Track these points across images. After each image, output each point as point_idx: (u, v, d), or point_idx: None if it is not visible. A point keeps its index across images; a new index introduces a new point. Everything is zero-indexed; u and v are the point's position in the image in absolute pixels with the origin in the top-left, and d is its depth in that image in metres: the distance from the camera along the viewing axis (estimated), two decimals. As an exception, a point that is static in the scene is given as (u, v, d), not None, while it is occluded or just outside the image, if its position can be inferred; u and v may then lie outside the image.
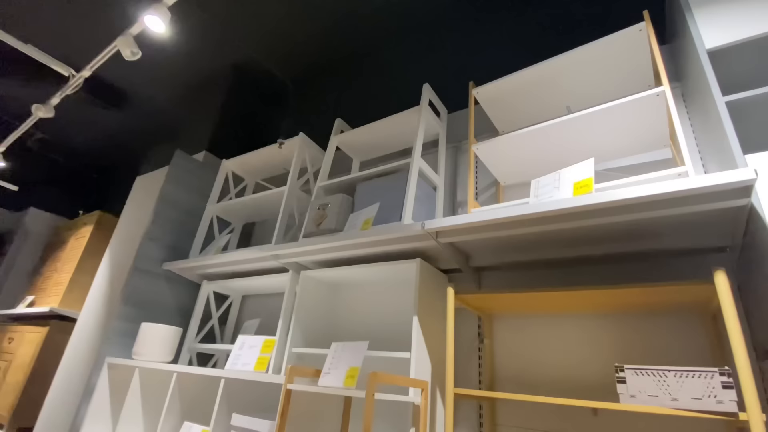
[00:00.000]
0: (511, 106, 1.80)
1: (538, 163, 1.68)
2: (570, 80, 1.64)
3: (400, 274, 1.70)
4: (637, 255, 1.41)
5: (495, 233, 1.36)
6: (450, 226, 1.36)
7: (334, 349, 1.37)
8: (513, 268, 1.66)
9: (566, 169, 1.27)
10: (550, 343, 1.48)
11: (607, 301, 1.33)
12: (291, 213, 2.22)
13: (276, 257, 1.89)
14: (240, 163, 2.65)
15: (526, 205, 1.19)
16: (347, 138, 2.20)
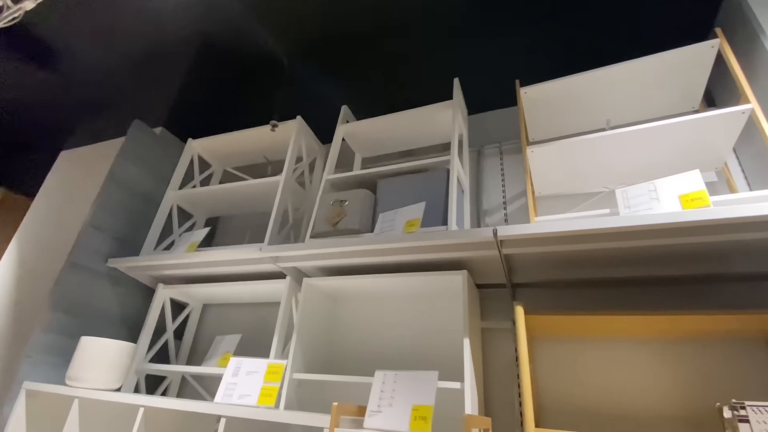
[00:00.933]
0: (549, 112, 1.68)
1: (577, 175, 1.57)
2: (612, 92, 1.57)
3: (437, 287, 1.46)
4: (691, 278, 1.34)
5: (563, 247, 1.20)
6: (526, 234, 1.16)
7: (382, 379, 1.09)
8: (550, 285, 1.51)
9: (662, 181, 1.15)
10: (603, 369, 1.34)
11: (668, 327, 1.23)
12: (285, 209, 1.86)
13: (275, 260, 1.54)
14: (209, 145, 2.22)
15: (625, 216, 1.04)
16: (354, 129, 1.92)
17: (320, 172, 2.17)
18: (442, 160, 1.58)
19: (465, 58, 1.84)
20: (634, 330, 1.29)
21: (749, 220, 0.99)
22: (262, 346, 1.78)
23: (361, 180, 1.74)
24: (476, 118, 2.04)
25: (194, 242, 1.69)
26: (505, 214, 1.75)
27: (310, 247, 1.43)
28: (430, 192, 1.50)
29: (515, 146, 1.90)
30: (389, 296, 1.60)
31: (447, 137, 1.90)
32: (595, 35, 1.72)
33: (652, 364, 1.30)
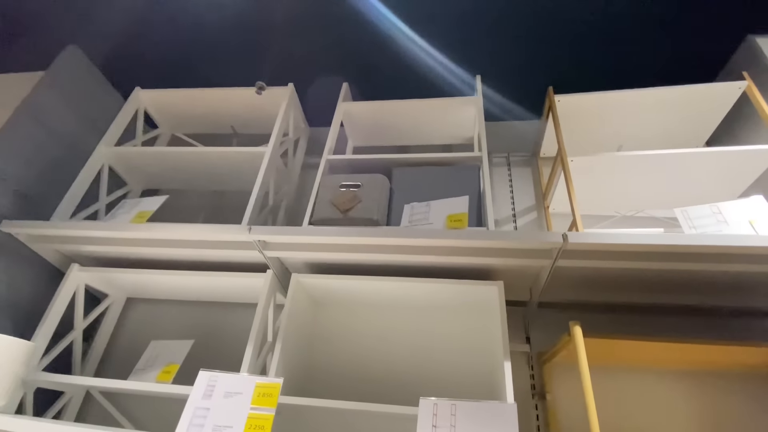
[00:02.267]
0: (569, 127, 1.61)
1: (592, 196, 1.52)
2: (627, 117, 1.56)
3: (461, 298, 1.25)
4: (711, 310, 1.32)
5: (620, 263, 1.09)
6: (602, 244, 1.03)
7: (433, 410, 0.83)
8: (569, 308, 1.40)
9: (725, 204, 1.10)
10: (624, 400, 1.24)
11: (693, 358, 1.18)
12: (267, 188, 1.51)
13: (263, 246, 1.20)
14: (162, 100, 1.78)
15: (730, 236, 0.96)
16: (355, 110, 1.68)
17: (301, 154, 1.86)
18: (470, 156, 1.41)
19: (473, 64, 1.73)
20: (660, 360, 1.22)
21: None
22: (219, 358, 1.38)
23: (366, 166, 1.48)
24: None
25: (145, 212, 1.26)
26: (514, 227, 1.63)
27: (321, 234, 1.13)
28: (457, 188, 1.32)
29: (523, 159, 1.81)
30: (393, 305, 1.34)
31: (456, 137, 1.75)
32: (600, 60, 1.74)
33: (673, 397, 1.23)
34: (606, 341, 1.05)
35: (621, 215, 1.57)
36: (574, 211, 1.27)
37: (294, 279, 1.25)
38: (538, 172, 1.74)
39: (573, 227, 1.28)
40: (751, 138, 1.46)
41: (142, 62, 1.89)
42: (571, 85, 1.52)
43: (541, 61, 1.72)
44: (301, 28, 1.81)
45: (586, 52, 1.70)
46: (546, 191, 1.64)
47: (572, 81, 1.68)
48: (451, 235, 1.06)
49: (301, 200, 1.79)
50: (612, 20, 1.61)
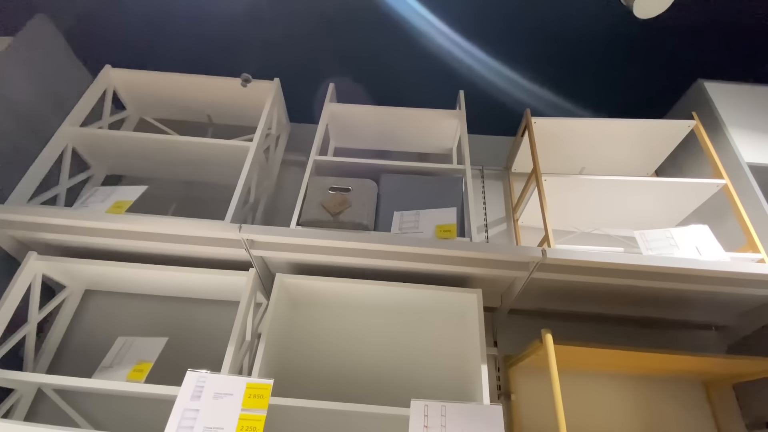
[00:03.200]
0: (539, 145, 1.73)
1: (558, 212, 1.64)
2: (590, 144, 1.70)
3: (439, 304, 1.31)
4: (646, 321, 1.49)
5: (590, 278, 1.21)
6: (575, 261, 1.12)
7: (424, 412, 0.88)
8: (535, 315, 1.50)
9: (677, 230, 1.25)
10: (584, 403, 1.36)
11: (641, 364, 1.33)
12: (249, 184, 1.48)
13: (250, 244, 1.19)
14: (133, 81, 1.68)
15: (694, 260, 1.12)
16: (340, 112, 1.68)
17: (281, 151, 1.83)
18: (454, 168, 1.47)
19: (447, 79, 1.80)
20: (611, 365, 1.35)
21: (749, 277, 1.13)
22: (192, 356, 1.33)
23: (351, 169, 1.50)
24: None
25: (123, 201, 1.19)
26: (486, 238, 1.72)
27: (314, 236, 1.13)
28: (442, 198, 1.38)
29: (496, 173, 1.91)
30: (373, 307, 1.37)
31: (435, 146, 1.82)
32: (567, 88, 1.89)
33: (619, 399, 1.37)
34: (572, 348, 1.15)
35: (580, 231, 1.71)
36: (547, 226, 1.37)
37: (278, 279, 1.24)
38: (509, 186, 1.85)
39: (545, 242, 1.38)
40: (694, 171, 1.66)
41: (114, 40, 1.76)
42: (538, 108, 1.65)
43: (514, 82, 1.84)
44: (285, 21, 1.79)
45: (558, 77, 1.83)
46: (517, 205, 1.74)
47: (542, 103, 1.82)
48: (442, 245, 1.11)
49: (278, 197, 1.77)
50: (587, 45, 1.74)
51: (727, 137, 1.54)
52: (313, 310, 1.36)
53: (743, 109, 1.61)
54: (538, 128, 1.62)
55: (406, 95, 1.81)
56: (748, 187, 1.42)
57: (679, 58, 1.77)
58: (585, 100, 1.92)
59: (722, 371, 1.28)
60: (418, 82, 1.93)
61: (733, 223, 1.38)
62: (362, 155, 1.54)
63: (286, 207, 1.71)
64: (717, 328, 1.51)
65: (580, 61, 1.80)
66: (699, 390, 1.40)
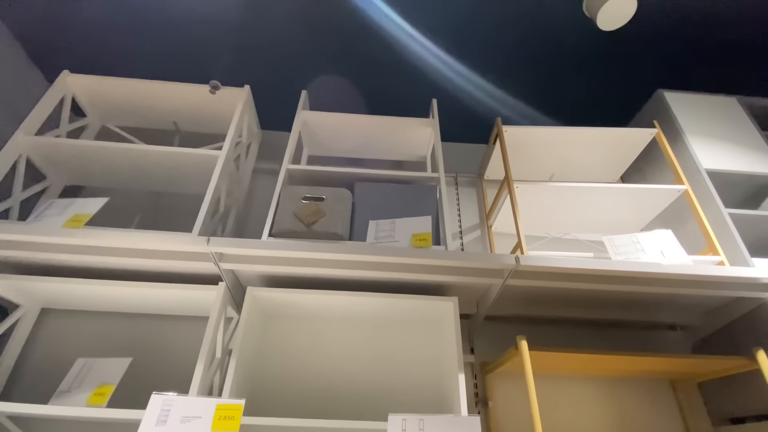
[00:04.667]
0: (510, 153, 1.76)
1: (529, 218, 1.67)
2: (558, 151, 1.75)
3: (415, 313, 1.30)
4: (616, 323, 1.53)
5: (562, 284, 1.23)
6: (548, 267, 1.14)
7: (401, 426, 0.87)
8: (509, 321, 1.51)
9: (642, 235, 1.28)
10: (559, 406, 1.38)
11: (612, 366, 1.35)
12: (218, 194, 1.43)
13: (219, 257, 1.14)
14: (94, 87, 1.61)
15: (669, 265, 1.15)
16: (313, 120, 1.66)
17: (253, 159, 1.79)
18: (428, 176, 1.47)
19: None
20: (584, 368, 1.37)
21: (716, 279, 1.17)
22: (158, 377, 1.27)
23: (324, 178, 1.48)
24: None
25: (81, 215, 1.12)
26: (461, 245, 1.73)
27: (287, 248, 1.10)
28: (417, 206, 1.37)
29: (470, 180, 1.93)
30: (347, 318, 1.34)
31: (408, 154, 1.82)
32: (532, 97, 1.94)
33: (593, 400, 1.39)
34: (546, 354, 1.16)
35: (551, 236, 1.74)
36: (520, 233, 1.38)
37: (250, 293, 1.20)
38: (482, 193, 1.87)
39: (518, 248, 1.39)
40: (656, 177, 1.72)
41: (73, 45, 1.68)
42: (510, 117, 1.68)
43: (486, 91, 1.87)
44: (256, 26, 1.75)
45: (528, 87, 1.87)
46: (490, 211, 1.76)
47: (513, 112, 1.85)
48: (418, 254, 1.10)
49: (250, 207, 1.72)
50: (554, 58, 1.79)
51: (686, 144, 1.61)
52: (287, 324, 1.32)
53: (701, 118, 1.69)
54: (509, 136, 1.64)
55: (380, 103, 1.82)
56: (706, 192, 1.49)
57: (641, 68, 1.84)
58: (554, 109, 1.97)
59: (687, 370, 1.32)
60: (393, 90, 1.93)
61: (694, 226, 1.43)
62: (336, 163, 1.51)
63: (257, 217, 1.67)
64: (681, 328, 1.57)
65: (548, 72, 1.85)
66: (666, 389, 1.44)
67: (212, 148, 1.45)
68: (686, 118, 1.68)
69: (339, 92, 1.81)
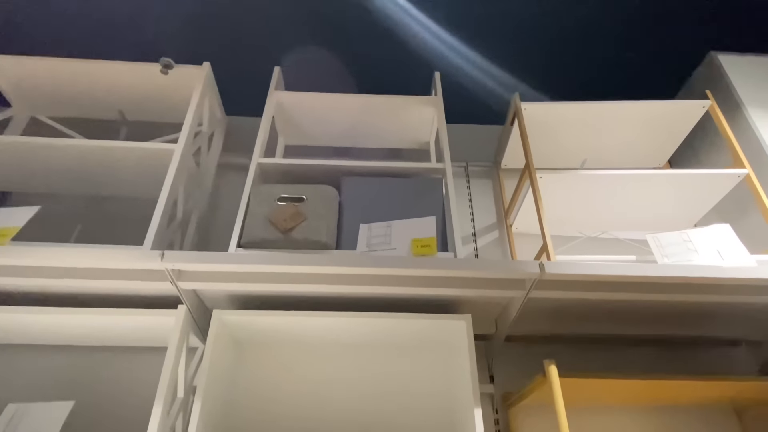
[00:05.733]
0: (532, 136, 1.76)
1: (557, 216, 1.67)
2: (591, 132, 1.75)
3: (419, 335, 1.30)
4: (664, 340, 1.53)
5: (595, 294, 1.22)
6: (581, 276, 1.14)
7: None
8: (534, 341, 1.53)
9: (694, 232, 1.28)
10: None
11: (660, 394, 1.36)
12: (176, 197, 1.43)
13: (177, 276, 1.14)
14: (20, 71, 1.62)
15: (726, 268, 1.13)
16: (289, 101, 1.67)
17: (217, 152, 1.80)
18: (431, 167, 1.48)
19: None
20: (628, 397, 1.37)
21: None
22: (107, 424, 1.27)
23: (305, 173, 1.48)
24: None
25: (7, 229, 1.12)
26: (475, 250, 1.73)
27: (258, 261, 1.10)
28: (419, 204, 1.38)
29: (484, 170, 1.94)
30: (336, 344, 1.35)
31: (407, 141, 1.83)
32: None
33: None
34: (581, 381, 1.16)
35: (584, 236, 1.75)
36: (545, 234, 1.38)
37: (216, 317, 1.20)
38: (500, 186, 1.88)
39: (543, 253, 1.39)
40: (712, 160, 1.72)
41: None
42: (536, 93, 1.67)
43: (505, 63, 1.87)
44: None
45: (553, 58, 1.87)
46: (509, 208, 1.77)
47: (537, 87, 1.84)
48: (421, 264, 1.10)
49: (215, 212, 1.74)
50: (581, 28, 1.79)
51: (746, 119, 1.61)
52: (264, 353, 1.32)
53: (764, 86, 1.69)
54: (530, 115, 1.65)
55: (371, 81, 1.82)
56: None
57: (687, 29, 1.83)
58: (583, 83, 1.97)
59: (755, 395, 1.32)
60: (387, 65, 1.94)
61: (758, 219, 1.43)
62: (319, 155, 1.52)
63: (224, 224, 1.63)
64: (746, 343, 1.57)
65: (574, 38, 1.85)
66: (730, 418, 1.43)
67: (166, 140, 1.47)
68: (746, 86, 1.68)
69: (320, 69, 1.83)
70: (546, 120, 1.68)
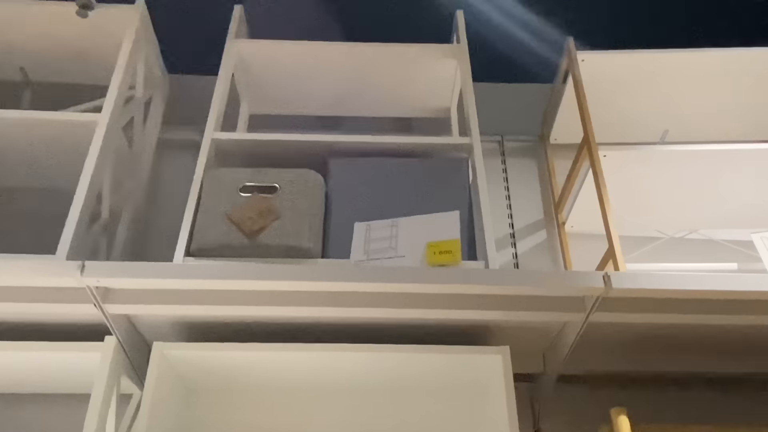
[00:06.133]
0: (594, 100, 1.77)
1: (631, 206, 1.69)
2: (678, 94, 1.76)
3: (443, 375, 1.33)
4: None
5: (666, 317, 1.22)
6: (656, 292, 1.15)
7: None
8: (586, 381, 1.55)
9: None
10: None
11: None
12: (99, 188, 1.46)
13: (103, 297, 1.16)
14: None
15: None
16: (259, 53, 1.71)
17: (156, 124, 1.83)
18: (453, 142, 1.53)
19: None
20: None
21: None
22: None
23: (273, 153, 1.52)
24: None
25: None
26: (514, 255, 1.75)
27: (211, 276, 1.12)
28: (435, 196, 1.41)
29: (526, 146, 1.97)
30: (329, 388, 1.37)
31: (424, 108, 1.86)
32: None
33: None
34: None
35: (667, 237, 1.76)
36: (611, 234, 1.40)
37: (157, 352, 1.21)
38: (547, 168, 1.90)
39: (609, 260, 1.40)
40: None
41: None
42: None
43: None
44: None
45: None
46: (561, 199, 1.78)
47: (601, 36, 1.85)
48: (439, 277, 1.11)
49: (154, 207, 1.77)
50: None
51: None
52: (223, 401, 1.35)
53: None
54: (590, 70, 1.65)
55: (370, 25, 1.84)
56: None
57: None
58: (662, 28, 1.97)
59: None
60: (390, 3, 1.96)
61: None
62: (297, 126, 1.54)
63: (166, 224, 1.68)
64: None
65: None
66: None
67: (86, 109, 1.50)
68: None
69: (298, 9, 1.84)
70: (612, 76, 1.69)
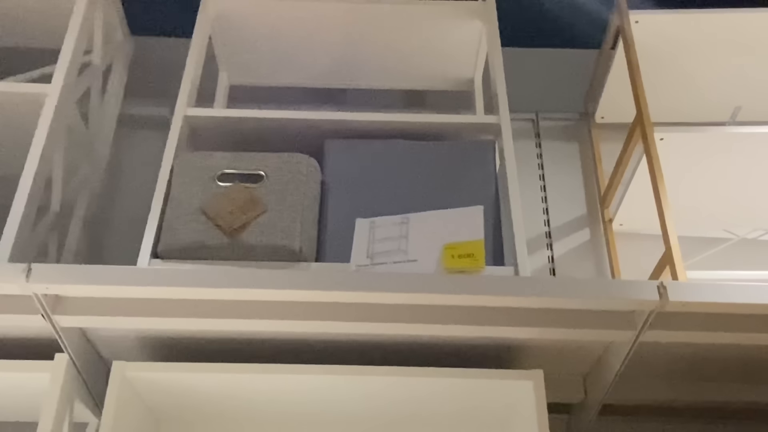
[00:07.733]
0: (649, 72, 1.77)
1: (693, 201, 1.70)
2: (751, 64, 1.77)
3: (461, 403, 1.34)
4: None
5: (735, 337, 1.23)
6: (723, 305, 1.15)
7: None
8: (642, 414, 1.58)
9: None
10: None
11: None
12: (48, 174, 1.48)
13: (51, 308, 1.18)
14: None
15: None
16: (239, 11, 1.73)
17: (118, 97, 1.85)
18: (476, 121, 1.53)
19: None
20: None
21: None
22: None
23: (258, 133, 1.54)
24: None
25: None
26: (550, 259, 1.76)
27: (181, 282, 1.13)
28: (454, 185, 1.43)
29: (565, 125, 1.97)
30: (326, 418, 1.40)
31: (442, 79, 1.87)
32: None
33: None
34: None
35: (737, 238, 1.77)
36: (669, 234, 1.40)
37: (118, 373, 1.23)
38: (592, 153, 1.90)
39: (665, 266, 1.41)
40: None
41: None
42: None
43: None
44: None
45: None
46: (608, 190, 1.79)
47: None
48: (459, 286, 1.12)
49: (116, 197, 1.80)
50: None
51: None
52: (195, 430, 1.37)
53: None
54: (644, 34, 1.66)
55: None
56: None
57: None
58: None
59: None
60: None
61: None
62: (287, 101, 1.54)
63: (129, 220, 1.72)
64: None
65: None
66: None
67: (32, 78, 1.52)
68: None
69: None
70: (673, 41, 1.69)
